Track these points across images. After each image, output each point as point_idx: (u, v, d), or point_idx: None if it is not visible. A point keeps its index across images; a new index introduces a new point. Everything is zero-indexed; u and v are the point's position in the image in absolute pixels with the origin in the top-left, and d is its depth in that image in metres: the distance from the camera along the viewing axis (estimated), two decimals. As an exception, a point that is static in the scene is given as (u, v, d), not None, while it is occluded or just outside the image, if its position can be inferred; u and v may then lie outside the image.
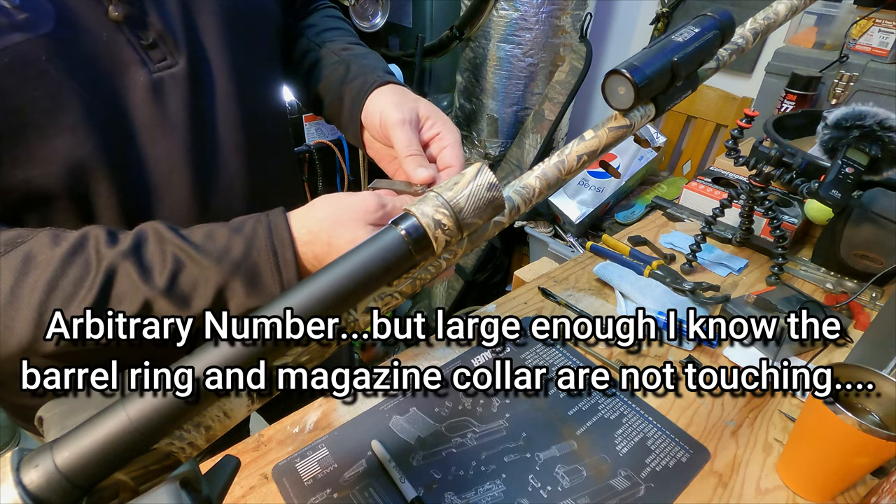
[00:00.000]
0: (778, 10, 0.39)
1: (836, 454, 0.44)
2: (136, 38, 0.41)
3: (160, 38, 0.42)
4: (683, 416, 0.56)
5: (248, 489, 0.47)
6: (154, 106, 0.42)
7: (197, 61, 0.44)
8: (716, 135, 1.66)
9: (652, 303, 0.69)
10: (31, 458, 0.20)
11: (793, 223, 0.81)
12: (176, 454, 0.23)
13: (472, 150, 1.79)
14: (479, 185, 0.26)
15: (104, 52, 0.39)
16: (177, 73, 0.43)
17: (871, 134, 0.64)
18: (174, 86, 0.43)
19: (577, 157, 0.31)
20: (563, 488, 0.48)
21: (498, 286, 1.78)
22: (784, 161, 0.69)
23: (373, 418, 0.54)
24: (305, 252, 0.38)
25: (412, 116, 0.45)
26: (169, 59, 0.43)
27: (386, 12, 1.52)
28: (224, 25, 0.46)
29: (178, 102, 0.43)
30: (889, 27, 1.17)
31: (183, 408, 0.21)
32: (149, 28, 0.41)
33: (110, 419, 0.21)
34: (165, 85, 0.43)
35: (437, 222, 0.25)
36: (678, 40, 0.32)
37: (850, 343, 0.65)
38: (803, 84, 1.17)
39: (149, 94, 0.42)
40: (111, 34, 0.40)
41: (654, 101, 0.33)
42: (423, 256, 0.25)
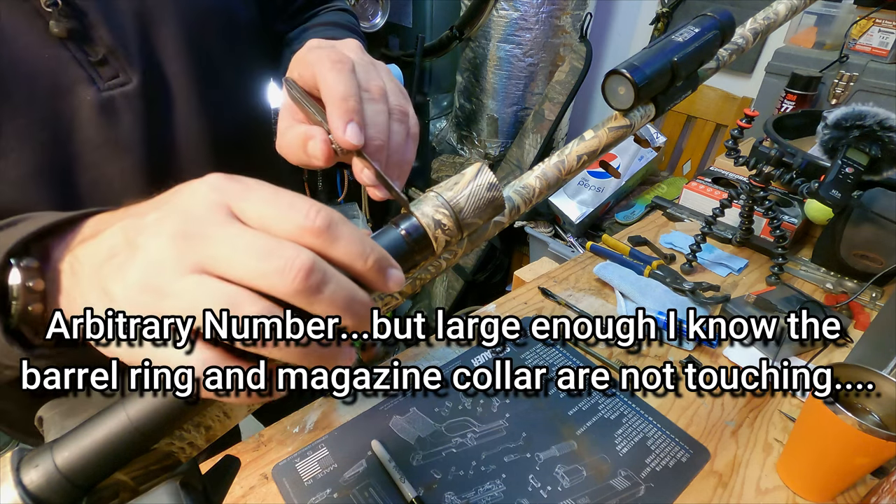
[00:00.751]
0: (778, 10, 0.39)
1: (836, 454, 0.44)
2: (84, 55, 0.38)
3: (111, 53, 0.39)
4: (683, 416, 0.56)
5: (248, 489, 0.47)
6: (103, 126, 0.40)
7: (153, 77, 0.41)
8: (716, 135, 1.66)
9: (652, 303, 0.69)
10: (31, 458, 0.20)
11: (793, 223, 0.81)
12: (176, 454, 0.23)
13: (472, 150, 1.79)
14: (479, 185, 0.26)
15: (45, 70, 0.37)
16: (129, 91, 0.40)
17: (871, 134, 0.64)
18: (126, 104, 0.40)
19: (577, 157, 0.31)
20: (563, 488, 0.48)
21: (498, 286, 1.78)
22: (784, 161, 0.69)
23: (373, 418, 0.54)
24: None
25: (350, 62, 0.32)
26: (121, 77, 0.40)
27: (386, 12, 1.52)
28: (186, 36, 0.43)
29: (132, 122, 0.41)
30: (889, 27, 1.17)
31: (183, 408, 0.21)
32: (97, 43, 0.38)
33: (110, 419, 0.21)
34: (117, 104, 0.40)
35: (437, 222, 0.25)
36: (678, 40, 0.32)
37: (850, 343, 0.65)
38: (803, 84, 1.17)
39: (97, 114, 0.39)
40: (53, 51, 0.37)
41: (654, 102, 0.33)
42: (424, 256, 0.25)
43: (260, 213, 0.21)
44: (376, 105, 0.30)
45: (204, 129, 0.46)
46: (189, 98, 0.44)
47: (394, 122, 0.31)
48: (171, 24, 0.42)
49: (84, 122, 0.39)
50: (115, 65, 0.39)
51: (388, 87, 0.32)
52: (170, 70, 0.43)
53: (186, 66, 0.43)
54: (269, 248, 0.20)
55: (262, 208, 0.21)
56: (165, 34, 0.42)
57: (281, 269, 0.19)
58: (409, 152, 0.32)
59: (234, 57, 0.49)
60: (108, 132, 0.40)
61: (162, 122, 0.43)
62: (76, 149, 0.39)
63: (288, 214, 0.20)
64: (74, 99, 0.38)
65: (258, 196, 0.21)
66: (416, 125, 0.33)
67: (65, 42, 0.37)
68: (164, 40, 0.42)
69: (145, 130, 0.42)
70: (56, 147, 0.38)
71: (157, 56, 0.42)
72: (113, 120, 0.40)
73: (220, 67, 0.47)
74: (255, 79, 0.53)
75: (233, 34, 0.48)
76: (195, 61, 0.44)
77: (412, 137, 0.33)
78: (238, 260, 0.20)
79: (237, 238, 0.20)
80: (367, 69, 0.32)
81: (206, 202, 0.21)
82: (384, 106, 0.31)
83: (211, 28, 0.45)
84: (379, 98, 0.31)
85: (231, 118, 0.49)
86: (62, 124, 0.38)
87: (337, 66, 0.30)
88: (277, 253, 0.19)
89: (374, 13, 1.52)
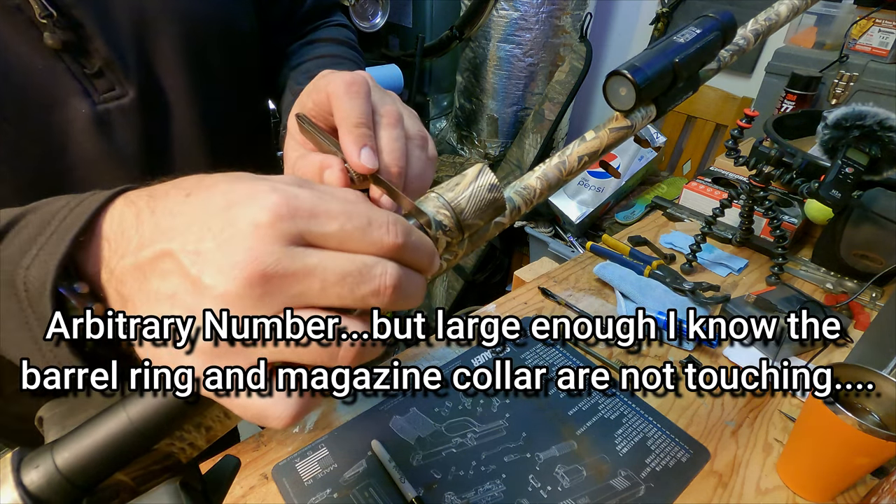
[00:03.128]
0: (779, 10, 0.39)
1: (836, 454, 0.45)
2: (79, 67, 0.37)
3: (107, 66, 0.38)
4: (683, 416, 0.56)
5: (248, 489, 0.47)
6: (98, 139, 0.39)
7: (151, 90, 0.41)
8: (716, 135, 1.66)
9: (652, 303, 0.69)
10: (31, 458, 0.20)
11: (793, 223, 0.81)
12: (176, 454, 0.23)
13: (472, 150, 1.79)
14: (480, 185, 0.26)
15: (37, 82, 0.36)
16: (126, 105, 0.39)
17: (871, 134, 0.64)
18: (123, 118, 0.40)
19: (579, 157, 0.31)
20: (563, 488, 0.48)
21: (498, 286, 1.78)
22: (784, 161, 0.69)
23: (373, 418, 0.54)
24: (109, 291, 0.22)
25: (366, 85, 0.31)
26: (117, 89, 0.39)
27: (386, 12, 1.52)
28: (184, 49, 0.42)
29: (128, 135, 0.40)
30: (889, 27, 1.17)
31: (183, 408, 0.21)
32: (93, 55, 0.37)
33: (110, 419, 0.21)
34: (112, 117, 0.39)
35: (438, 223, 0.25)
36: (679, 41, 0.32)
37: (850, 343, 0.65)
38: (803, 84, 1.17)
39: (91, 128, 0.38)
40: (47, 62, 0.36)
41: (655, 102, 0.33)
42: None
43: (337, 233, 0.20)
44: (393, 130, 0.30)
45: (202, 143, 0.45)
46: (187, 111, 0.43)
47: (415, 148, 0.31)
48: (169, 36, 0.41)
49: (78, 136, 0.38)
50: (111, 77, 0.39)
51: (404, 113, 0.32)
52: (167, 83, 0.42)
53: (184, 79, 0.43)
54: (359, 272, 0.20)
55: (337, 227, 0.20)
56: (163, 47, 0.41)
57: (375, 290, 0.20)
58: (428, 178, 0.32)
59: (233, 69, 0.48)
60: (103, 146, 0.39)
61: (159, 136, 0.43)
62: (69, 162, 0.39)
63: (368, 233, 0.20)
64: (68, 112, 0.37)
65: (328, 215, 0.20)
66: (433, 149, 0.33)
67: (59, 54, 0.36)
68: (161, 53, 0.41)
69: (141, 144, 0.41)
70: (48, 160, 0.38)
71: (155, 69, 0.41)
72: (108, 133, 0.39)
73: (218, 80, 0.46)
74: (254, 92, 0.52)
75: (232, 47, 0.47)
76: (193, 74, 0.43)
77: (431, 162, 0.32)
78: (332, 292, 0.19)
79: (323, 270, 0.19)
80: (381, 94, 0.32)
81: (274, 234, 0.19)
82: (401, 131, 0.30)
83: (210, 40, 0.44)
84: (395, 123, 0.30)
85: (229, 131, 0.49)
86: (55, 137, 0.38)
87: (352, 90, 0.29)
88: (368, 276, 0.20)
89: (374, 13, 1.52)
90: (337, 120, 0.29)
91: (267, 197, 0.20)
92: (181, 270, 0.19)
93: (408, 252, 0.21)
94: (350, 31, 0.59)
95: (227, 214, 0.20)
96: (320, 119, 0.32)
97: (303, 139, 0.33)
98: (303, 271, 0.19)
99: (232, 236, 0.19)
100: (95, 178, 0.40)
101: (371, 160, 0.27)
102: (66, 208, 0.22)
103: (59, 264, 0.20)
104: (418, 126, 0.32)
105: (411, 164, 0.30)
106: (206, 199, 0.20)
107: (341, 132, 0.29)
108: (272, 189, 0.20)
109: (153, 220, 0.21)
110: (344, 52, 0.53)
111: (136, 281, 0.20)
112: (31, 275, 0.21)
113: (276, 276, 0.19)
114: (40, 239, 0.21)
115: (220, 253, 0.19)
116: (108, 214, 0.22)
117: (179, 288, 0.19)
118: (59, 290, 0.21)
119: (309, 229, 0.20)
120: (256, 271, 0.18)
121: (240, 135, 0.51)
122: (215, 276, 0.19)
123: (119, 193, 0.23)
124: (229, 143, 0.49)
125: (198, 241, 0.19)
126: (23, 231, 0.22)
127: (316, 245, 0.20)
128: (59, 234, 0.21)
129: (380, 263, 0.20)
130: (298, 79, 0.49)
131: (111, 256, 0.21)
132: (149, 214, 0.21)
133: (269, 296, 0.19)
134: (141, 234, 0.21)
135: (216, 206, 0.20)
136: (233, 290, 0.18)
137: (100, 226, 0.22)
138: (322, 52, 0.52)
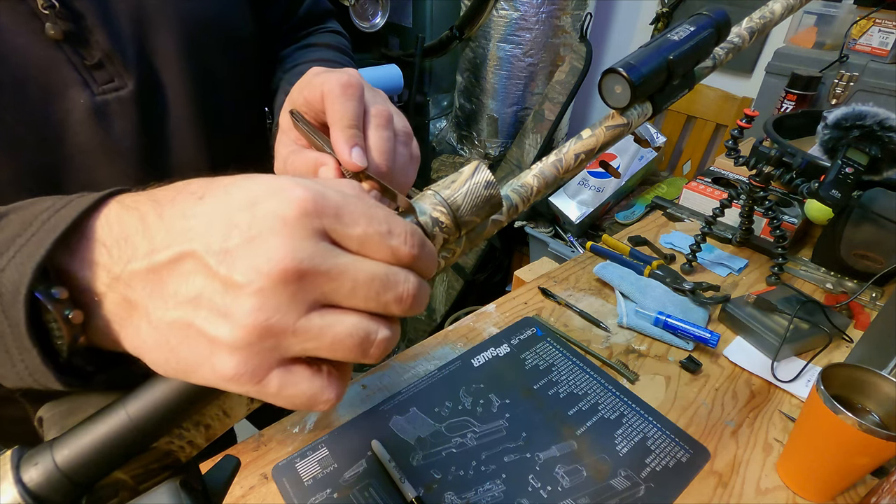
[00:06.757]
0: (774, 9, 0.39)
1: (836, 454, 0.44)
2: (79, 58, 0.37)
3: (107, 57, 0.39)
4: (683, 416, 0.56)
5: (248, 489, 0.47)
6: (96, 130, 0.39)
7: (149, 83, 0.41)
8: (716, 135, 1.66)
9: (652, 303, 0.69)
10: (31, 456, 0.20)
11: (793, 223, 0.81)
12: (176, 453, 0.23)
13: (472, 150, 1.79)
14: (476, 182, 0.26)
15: (36, 71, 0.36)
16: (124, 96, 0.40)
17: (871, 134, 0.64)
18: (121, 109, 0.40)
19: (575, 155, 0.31)
20: (563, 488, 0.48)
21: (498, 286, 1.78)
22: (784, 161, 0.69)
23: (373, 418, 0.54)
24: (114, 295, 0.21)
25: (361, 87, 0.32)
26: (116, 81, 0.39)
27: (386, 12, 1.52)
28: (184, 44, 0.42)
29: (126, 127, 0.40)
30: (889, 27, 1.17)
31: (183, 406, 0.21)
32: (93, 47, 0.38)
33: (110, 417, 0.21)
34: (110, 108, 0.39)
35: (435, 220, 0.25)
36: (673, 39, 0.32)
37: (850, 343, 0.65)
38: (803, 84, 1.17)
39: (90, 118, 0.39)
40: (48, 53, 0.36)
41: (650, 100, 0.33)
42: None
43: (359, 237, 0.21)
44: (384, 131, 0.31)
45: (199, 137, 0.46)
46: (185, 105, 0.44)
47: (399, 145, 0.32)
48: (169, 31, 0.41)
49: (76, 126, 0.38)
50: (110, 69, 0.39)
51: (392, 111, 0.33)
52: (166, 78, 0.42)
53: (183, 74, 0.43)
54: (386, 278, 0.21)
55: (360, 232, 0.20)
56: (163, 41, 0.41)
57: (398, 297, 0.21)
58: (411, 174, 0.33)
59: (232, 68, 0.48)
60: (101, 137, 0.40)
61: (156, 129, 0.43)
62: (67, 152, 0.39)
63: (387, 240, 0.21)
64: (67, 102, 0.38)
65: (352, 218, 0.21)
66: (416, 147, 0.34)
67: (60, 44, 0.36)
68: (161, 47, 0.41)
69: (139, 136, 0.41)
70: (46, 150, 0.38)
71: (154, 62, 0.41)
72: (106, 125, 0.40)
73: (217, 77, 0.47)
74: (252, 91, 0.53)
75: (231, 46, 0.48)
76: (192, 69, 0.44)
77: (414, 160, 0.33)
78: (360, 293, 0.20)
79: (355, 272, 0.20)
80: (373, 94, 0.33)
81: (304, 230, 0.19)
82: (391, 132, 0.31)
83: (210, 38, 0.45)
84: (385, 124, 0.31)
85: (227, 127, 0.49)
86: (53, 127, 0.38)
87: (348, 92, 0.30)
88: (393, 282, 0.21)
89: (374, 13, 1.52)
90: (330, 119, 0.30)
91: (293, 191, 0.19)
92: (206, 271, 0.19)
93: (420, 262, 0.22)
94: (344, 38, 0.60)
95: (252, 211, 0.19)
96: (311, 115, 0.33)
97: (296, 136, 0.33)
98: (335, 270, 0.19)
99: (261, 232, 0.19)
100: (92, 169, 0.40)
101: (361, 159, 0.29)
102: (50, 209, 0.21)
103: (37, 267, 0.19)
104: (404, 123, 0.33)
105: (396, 161, 0.31)
106: (224, 198, 0.20)
107: (334, 131, 0.30)
108: (296, 184, 0.20)
109: (162, 224, 0.20)
110: (337, 58, 0.54)
111: (148, 285, 0.20)
112: (5, 277, 0.20)
113: (310, 272, 0.19)
114: (19, 240, 0.20)
115: (251, 249, 0.19)
116: (101, 218, 0.21)
117: (206, 288, 0.19)
118: (35, 294, 0.20)
119: (333, 228, 0.20)
120: (291, 266, 0.18)
121: (238, 134, 0.52)
122: (248, 272, 0.18)
123: (109, 196, 0.22)
124: (227, 142, 0.49)
125: (223, 239, 0.19)
126: (3, 231, 0.21)
127: (339, 245, 0.20)
128: (40, 237, 0.20)
129: (402, 272, 0.21)
130: (292, 80, 0.49)
131: (113, 262, 0.20)
132: (156, 218, 0.21)
133: (302, 292, 0.19)
134: (150, 238, 0.20)
135: (238, 203, 0.20)
136: (268, 286, 0.18)
137: (91, 229, 0.21)
138: (316, 56, 0.53)
